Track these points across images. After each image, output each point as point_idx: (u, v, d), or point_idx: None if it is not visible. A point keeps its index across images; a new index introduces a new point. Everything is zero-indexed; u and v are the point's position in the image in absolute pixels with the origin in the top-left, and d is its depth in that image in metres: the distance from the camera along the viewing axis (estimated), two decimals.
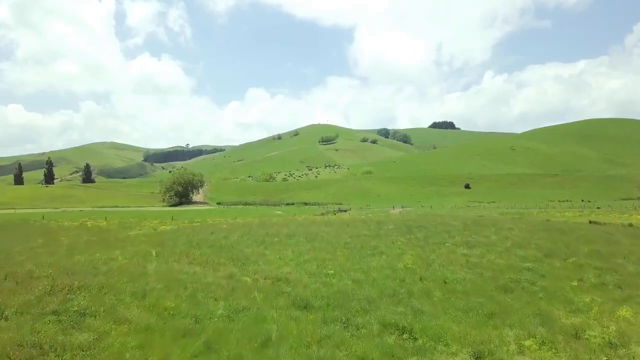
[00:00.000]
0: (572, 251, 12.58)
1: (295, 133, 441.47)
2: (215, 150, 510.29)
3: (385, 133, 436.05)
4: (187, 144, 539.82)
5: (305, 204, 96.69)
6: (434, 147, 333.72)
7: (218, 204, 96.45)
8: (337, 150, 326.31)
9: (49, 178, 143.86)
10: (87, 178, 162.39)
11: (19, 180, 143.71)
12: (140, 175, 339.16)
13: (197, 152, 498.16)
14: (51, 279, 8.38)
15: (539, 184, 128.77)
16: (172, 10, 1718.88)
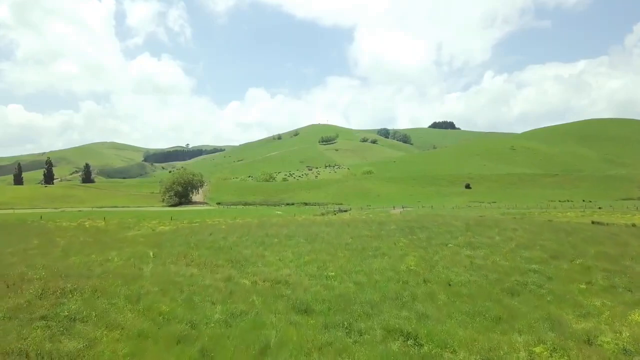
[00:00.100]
0: (579, 252, 12.32)
1: (295, 133, 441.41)
2: (215, 150, 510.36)
3: (385, 133, 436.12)
4: (187, 144, 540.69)
5: (305, 204, 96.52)
6: (434, 147, 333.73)
7: (218, 204, 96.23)
8: (337, 150, 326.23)
9: (49, 178, 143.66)
10: (87, 178, 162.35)
11: (18, 181, 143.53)
12: (140, 175, 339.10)
13: (197, 152, 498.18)
14: (43, 282, 8.13)
15: (539, 184, 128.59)
16: (172, 10, 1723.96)
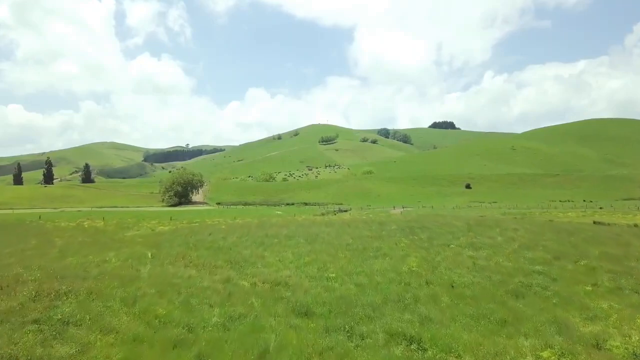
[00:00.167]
0: (582, 253, 12.15)
1: (295, 133, 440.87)
2: (215, 150, 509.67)
3: (385, 133, 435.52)
4: (187, 144, 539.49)
5: (306, 204, 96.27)
6: (434, 147, 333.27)
7: (218, 204, 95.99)
8: (337, 150, 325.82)
9: (48, 178, 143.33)
10: (87, 178, 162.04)
11: (18, 180, 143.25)
12: (140, 175, 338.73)
13: (197, 152, 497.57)
14: (37, 284, 7.97)
15: (539, 184, 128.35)
16: (172, 10, 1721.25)
